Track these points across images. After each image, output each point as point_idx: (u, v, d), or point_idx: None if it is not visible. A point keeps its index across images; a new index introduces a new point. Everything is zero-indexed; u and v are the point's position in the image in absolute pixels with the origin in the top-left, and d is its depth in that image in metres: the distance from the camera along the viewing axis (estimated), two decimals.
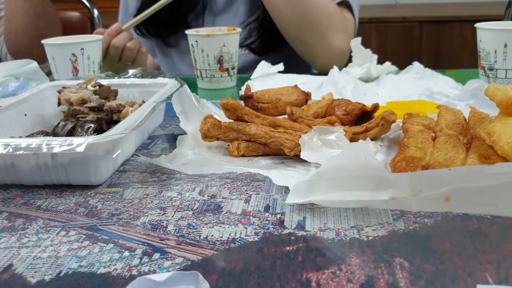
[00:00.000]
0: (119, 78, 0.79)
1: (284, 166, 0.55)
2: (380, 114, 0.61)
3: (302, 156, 0.53)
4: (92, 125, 0.59)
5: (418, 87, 0.84)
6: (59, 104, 0.67)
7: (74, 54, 0.92)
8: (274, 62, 0.99)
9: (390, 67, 0.95)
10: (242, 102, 0.75)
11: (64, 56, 0.92)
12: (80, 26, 1.59)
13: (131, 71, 0.83)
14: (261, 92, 0.77)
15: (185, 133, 0.62)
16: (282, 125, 0.58)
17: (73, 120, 0.62)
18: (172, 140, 0.65)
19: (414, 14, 2.41)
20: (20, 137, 0.59)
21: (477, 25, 0.81)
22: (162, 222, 0.44)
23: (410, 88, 0.84)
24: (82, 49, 0.92)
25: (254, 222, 0.43)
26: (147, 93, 0.69)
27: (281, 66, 0.96)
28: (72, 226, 0.44)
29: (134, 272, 0.36)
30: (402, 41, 2.38)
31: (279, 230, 0.41)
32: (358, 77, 0.90)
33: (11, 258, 0.39)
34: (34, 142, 0.48)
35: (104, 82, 0.71)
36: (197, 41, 0.92)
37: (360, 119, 0.65)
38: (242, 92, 0.78)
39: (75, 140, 0.48)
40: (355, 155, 0.42)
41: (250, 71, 0.97)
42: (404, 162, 0.49)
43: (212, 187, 0.50)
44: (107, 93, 0.67)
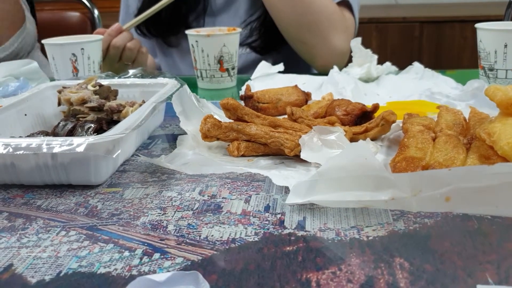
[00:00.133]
0: (119, 78, 0.79)
1: (284, 166, 0.55)
2: (380, 114, 0.61)
3: (302, 156, 0.53)
4: (92, 125, 0.59)
5: (418, 87, 0.84)
6: (59, 104, 0.67)
7: (74, 54, 0.92)
8: (274, 62, 0.99)
9: (390, 67, 0.95)
10: (242, 102, 0.75)
11: (64, 56, 0.92)
12: (80, 26, 1.59)
13: (131, 71, 0.83)
14: (261, 92, 0.77)
15: (185, 133, 0.62)
16: (282, 125, 0.58)
17: (73, 120, 0.62)
18: (172, 140, 0.65)
19: (414, 14, 2.41)
20: (20, 137, 0.59)
21: (477, 25, 0.81)
22: (162, 222, 0.44)
23: (410, 88, 0.84)
24: (82, 49, 0.92)
25: (254, 222, 0.43)
26: (147, 93, 0.69)
27: (281, 66, 0.96)
28: (72, 226, 0.44)
29: (134, 272, 0.36)
30: (402, 41, 2.38)
31: (279, 230, 0.41)
32: (358, 77, 0.90)
33: (11, 258, 0.39)
34: (34, 142, 0.48)
35: (104, 82, 0.71)
36: (197, 41, 0.92)
37: (360, 119, 0.65)
38: (242, 92, 0.78)
39: (75, 140, 0.48)
40: (355, 155, 0.42)
41: (250, 71, 0.97)
42: (404, 162, 0.49)
43: (212, 187, 0.50)
44: (107, 93, 0.67)
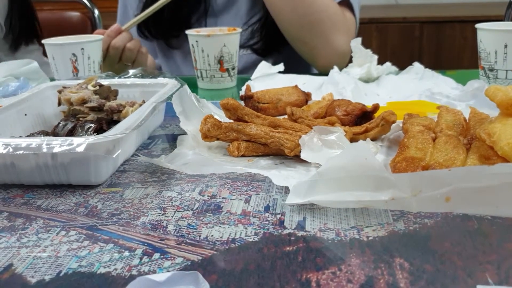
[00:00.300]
0: (120, 78, 0.79)
1: (284, 166, 0.55)
2: (380, 114, 0.61)
3: (302, 156, 0.53)
4: (92, 125, 0.59)
5: (418, 88, 0.84)
6: (59, 104, 0.67)
7: (74, 54, 0.92)
8: (275, 62, 0.99)
9: (390, 68, 0.95)
10: (242, 102, 0.75)
11: (64, 56, 0.92)
12: (80, 26, 1.59)
13: (132, 71, 0.83)
14: (261, 92, 0.77)
15: (185, 133, 0.62)
16: (282, 125, 0.58)
17: (73, 120, 0.62)
18: (172, 140, 0.65)
19: (415, 15, 2.41)
20: (20, 137, 0.59)
21: (477, 25, 0.81)
22: (162, 222, 0.44)
23: (411, 88, 0.84)
24: (82, 49, 0.92)
25: (254, 222, 0.43)
26: (148, 93, 0.69)
27: (281, 67, 0.96)
28: (72, 226, 0.44)
29: (134, 272, 0.36)
30: (403, 41, 2.38)
31: (279, 230, 0.41)
32: (358, 77, 0.90)
33: (11, 258, 0.39)
34: (34, 142, 0.48)
35: (104, 82, 0.71)
36: (197, 41, 0.92)
37: (360, 120, 0.65)
38: (242, 92, 0.78)
39: (75, 140, 0.48)
40: (355, 156, 0.42)
41: (251, 72, 0.97)
42: (404, 163, 0.49)
43: (212, 187, 0.50)
44: (107, 93, 0.67)
